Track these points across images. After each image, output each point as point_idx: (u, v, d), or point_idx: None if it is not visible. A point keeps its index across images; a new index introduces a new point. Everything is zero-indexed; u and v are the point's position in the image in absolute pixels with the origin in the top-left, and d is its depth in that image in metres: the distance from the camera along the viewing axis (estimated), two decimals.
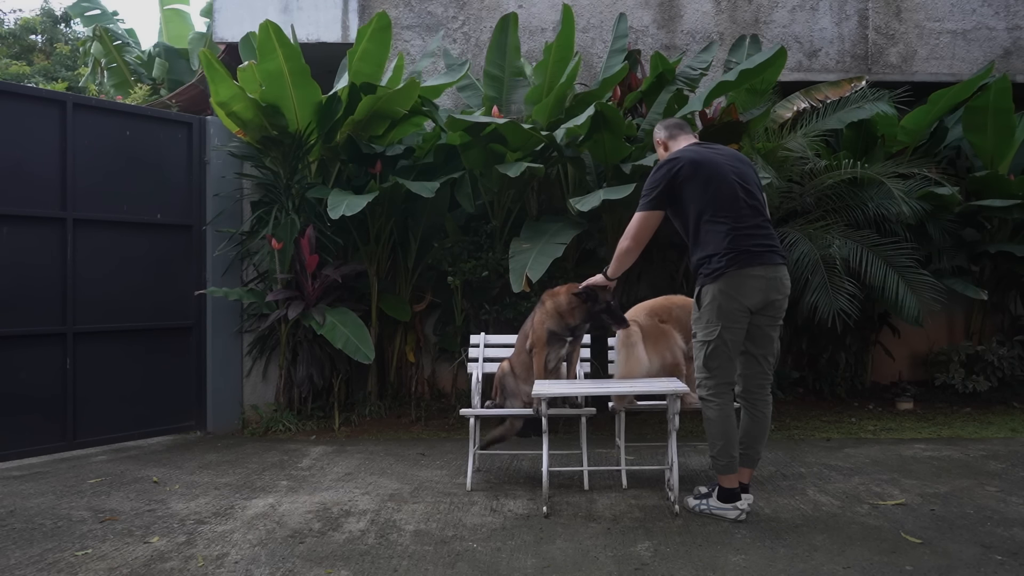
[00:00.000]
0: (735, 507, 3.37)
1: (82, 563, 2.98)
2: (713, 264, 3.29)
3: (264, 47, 5.07)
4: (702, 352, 3.37)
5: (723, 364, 3.34)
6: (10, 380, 4.75)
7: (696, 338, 3.42)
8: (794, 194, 5.73)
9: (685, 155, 3.40)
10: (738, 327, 3.32)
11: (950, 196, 5.72)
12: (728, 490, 3.39)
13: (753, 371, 3.45)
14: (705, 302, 3.35)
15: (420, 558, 2.99)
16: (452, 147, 5.69)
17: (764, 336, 3.41)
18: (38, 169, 4.89)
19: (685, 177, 3.34)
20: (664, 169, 3.40)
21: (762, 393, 3.47)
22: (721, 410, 3.35)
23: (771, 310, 3.37)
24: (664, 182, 3.38)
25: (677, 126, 3.64)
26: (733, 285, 3.26)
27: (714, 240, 3.30)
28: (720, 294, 3.28)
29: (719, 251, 3.28)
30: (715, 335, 3.31)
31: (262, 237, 5.54)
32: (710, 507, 3.43)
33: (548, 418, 3.67)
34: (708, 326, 3.33)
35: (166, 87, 9.80)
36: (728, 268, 3.25)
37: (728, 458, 3.36)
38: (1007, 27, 7.09)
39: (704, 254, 3.34)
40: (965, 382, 6.14)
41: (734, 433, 3.37)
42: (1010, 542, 3.09)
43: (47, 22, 20.17)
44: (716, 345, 3.32)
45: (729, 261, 3.25)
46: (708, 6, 7.01)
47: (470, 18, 6.96)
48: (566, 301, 3.90)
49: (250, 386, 5.78)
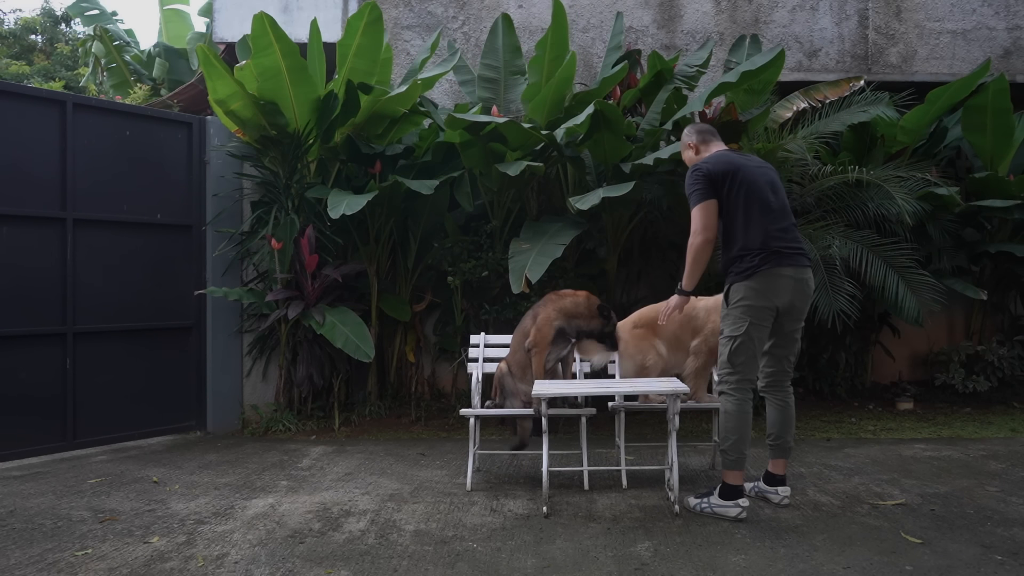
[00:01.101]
0: (736, 504, 3.38)
1: (82, 563, 2.98)
2: (746, 263, 3.37)
3: (259, 42, 5.03)
4: (727, 347, 3.42)
5: (747, 361, 3.40)
6: (10, 380, 4.74)
7: (722, 334, 3.47)
8: (794, 194, 5.73)
9: (719, 158, 3.49)
10: (764, 325, 3.39)
11: (950, 196, 5.72)
12: (732, 487, 3.40)
13: (775, 369, 3.57)
14: (735, 299, 3.40)
15: (420, 558, 2.99)
16: (451, 146, 5.69)
17: (788, 337, 3.52)
18: (38, 169, 4.89)
19: (721, 178, 3.41)
20: (703, 170, 3.45)
21: (785, 384, 3.59)
22: (740, 405, 3.39)
23: (796, 311, 3.46)
24: (704, 181, 3.43)
25: (710, 132, 3.71)
26: (765, 284, 3.34)
27: (747, 239, 3.38)
28: (751, 292, 3.35)
29: (752, 250, 3.36)
30: (742, 331, 3.36)
31: (262, 237, 5.54)
32: (711, 505, 3.44)
33: (548, 418, 3.67)
34: (736, 322, 3.39)
35: (166, 87, 9.80)
36: (761, 267, 3.33)
37: (738, 454, 3.38)
38: (1007, 27, 7.09)
39: (736, 253, 3.41)
40: (965, 382, 6.14)
41: (748, 431, 3.41)
42: (1010, 542, 3.09)
43: (47, 22, 20.17)
44: (743, 341, 3.37)
45: (762, 260, 3.34)
46: (708, 6, 7.01)
47: (470, 18, 6.96)
48: (586, 306, 3.99)
49: (250, 386, 5.78)
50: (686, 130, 3.75)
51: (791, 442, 3.60)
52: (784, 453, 3.60)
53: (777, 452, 3.61)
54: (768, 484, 3.64)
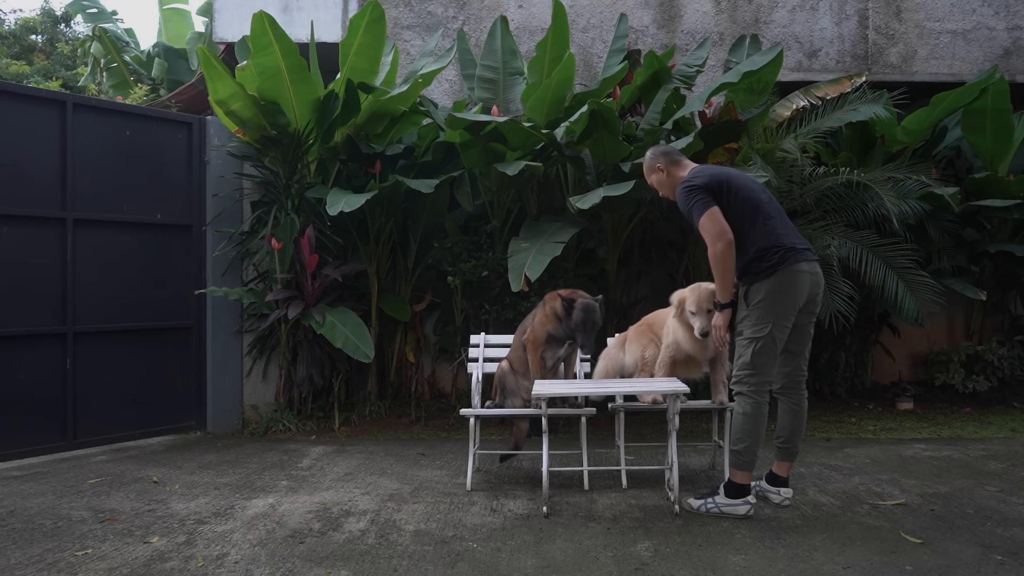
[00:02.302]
0: (745, 502, 3.39)
1: (82, 563, 2.98)
2: (765, 262, 3.34)
3: (259, 41, 5.03)
4: (749, 349, 3.38)
5: (768, 362, 3.38)
6: (10, 380, 4.74)
7: (742, 335, 3.44)
8: (793, 194, 5.73)
9: (705, 171, 3.48)
10: (786, 324, 3.37)
11: (950, 196, 5.72)
12: (740, 486, 3.40)
13: (792, 367, 3.55)
14: (756, 299, 3.37)
15: (420, 558, 2.99)
16: (451, 146, 5.69)
17: (803, 332, 3.51)
18: (38, 169, 4.89)
19: (716, 187, 3.39)
20: (696, 183, 3.40)
21: (800, 387, 3.57)
22: (758, 408, 3.38)
23: (811, 306, 3.46)
24: (701, 191, 3.37)
25: (678, 153, 3.70)
26: (787, 281, 3.33)
27: (760, 240, 3.36)
28: (774, 290, 3.33)
29: (768, 248, 3.34)
30: (765, 332, 3.34)
31: (262, 237, 5.54)
32: (717, 505, 3.43)
33: (548, 418, 3.67)
34: (758, 323, 3.36)
35: (165, 87, 9.80)
36: (780, 264, 3.32)
37: (751, 456, 3.38)
38: (1007, 27, 7.09)
39: (753, 255, 3.37)
40: (965, 382, 6.14)
41: (763, 433, 3.41)
42: (1010, 542, 3.09)
43: (47, 22, 20.15)
44: (765, 342, 3.35)
45: (780, 257, 3.32)
46: (708, 6, 7.01)
47: (470, 18, 6.96)
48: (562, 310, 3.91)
49: (250, 386, 5.78)
50: (650, 154, 3.69)
51: (799, 446, 3.60)
52: (791, 456, 3.61)
53: (784, 455, 3.61)
54: (771, 484, 3.64)
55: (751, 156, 5.35)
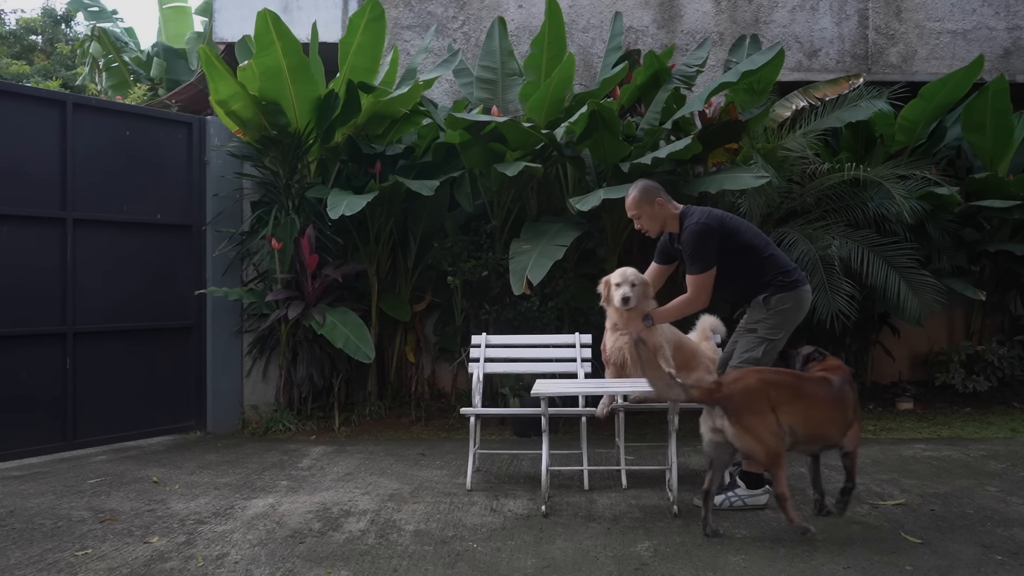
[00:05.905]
0: (765, 491, 3.48)
1: (82, 563, 2.98)
2: (789, 277, 3.60)
3: (263, 39, 5.02)
4: (761, 347, 3.58)
5: (770, 363, 3.60)
6: (10, 380, 4.74)
7: (756, 333, 3.62)
8: (794, 194, 5.73)
9: (707, 213, 3.66)
10: (787, 337, 3.65)
11: (950, 196, 5.72)
12: (755, 475, 3.50)
13: None
14: (781, 306, 3.58)
15: (420, 558, 2.99)
16: (451, 146, 5.69)
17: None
18: (38, 169, 4.89)
19: (725, 232, 3.60)
20: (712, 229, 3.57)
21: None
22: None
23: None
24: (713, 244, 3.57)
25: (662, 190, 3.79)
26: (802, 299, 3.63)
27: (779, 262, 3.63)
28: (795, 302, 3.59)
29: (788, 268, 3.63)
30: (777, 337, 3.60)
31: (262, 237, 5.54)
32: (740, 497, 3.50)
33: (548, 418, 3.67)
34: (775, 328, 3.59)
35: (164, 87, 9.80)
36: (801, 282, 3.62)
37: None
38: (1007, 27, 7.09)
39: (777, 271, 3.59)
40: (965, 382, 6.13)
41: None
42: (1010, 542, 3.09)
43: (47, 22, 20.14)
44: (774, 345, 3.60)
45: (799, 276, 3.64)
46: (708, 6, 7.01)
47: (470, 18, 6.96)
48: None
49: (250, 386, 5.78)
50: (646, 186, 3.74)
51: None
52: None
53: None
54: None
55: (752, 156, 5.35)
